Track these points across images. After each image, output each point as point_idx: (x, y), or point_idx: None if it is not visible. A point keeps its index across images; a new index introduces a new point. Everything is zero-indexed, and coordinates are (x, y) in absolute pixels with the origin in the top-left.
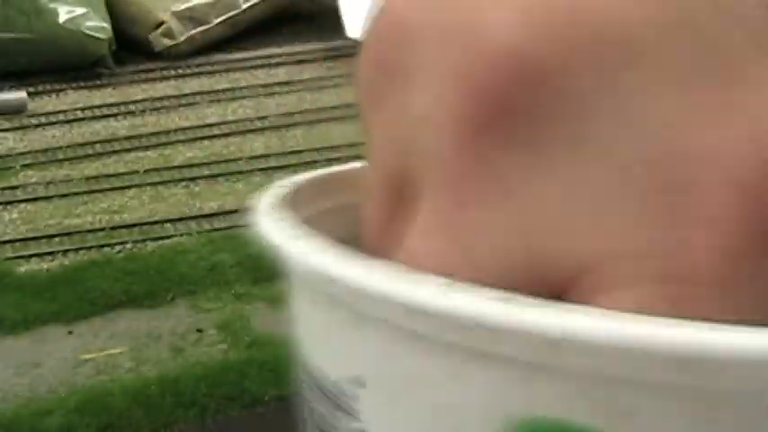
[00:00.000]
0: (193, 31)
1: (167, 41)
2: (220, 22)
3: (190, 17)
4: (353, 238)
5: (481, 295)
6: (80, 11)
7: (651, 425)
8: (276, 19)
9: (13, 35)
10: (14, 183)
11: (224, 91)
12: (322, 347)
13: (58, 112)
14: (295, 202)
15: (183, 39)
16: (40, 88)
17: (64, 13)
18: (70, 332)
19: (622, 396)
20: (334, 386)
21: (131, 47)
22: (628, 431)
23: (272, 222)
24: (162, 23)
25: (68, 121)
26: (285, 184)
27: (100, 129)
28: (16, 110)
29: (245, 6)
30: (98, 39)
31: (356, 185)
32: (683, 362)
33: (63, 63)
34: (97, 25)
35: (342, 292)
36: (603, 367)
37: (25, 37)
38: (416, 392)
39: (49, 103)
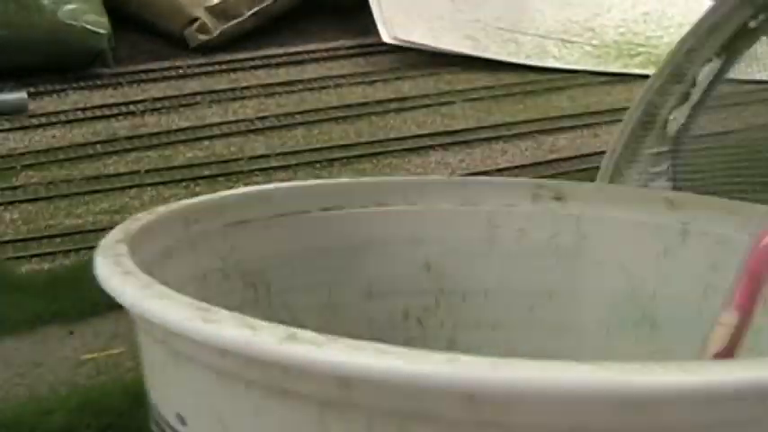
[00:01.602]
0: (226, 25)
1: (203, 37)
2: (252, 14)
3: (223, 11)
4: (217, 272)
5: (270, 331)
6: (78, 5)
7: None
8: (307, 10)
9: (10, 31)
10: (15, 183)
11: (224, 91)
12: (154, 383)
13: (59, 112)
14: (149, 235)
15: (216, 33)
16: (41, 88)
17: (63, 7)
18: (71, 332)
19: (412, 430)
20: (165, 422)
21: (167, 42)
22: None
23: (105, 258)
24: (196, 19)
25: (69, 122)
26: (141, 216)
27: (100, 129)
28: (16, 110)
29: None
30: (97, 33)
31: (226, 213)
32: (470, 396)
33: (63, 57)
34: (96, 20)
35: (159, 332)
36: (389, 403)
37: (24, 32)
38: (228, 429)
39: (49, 103)
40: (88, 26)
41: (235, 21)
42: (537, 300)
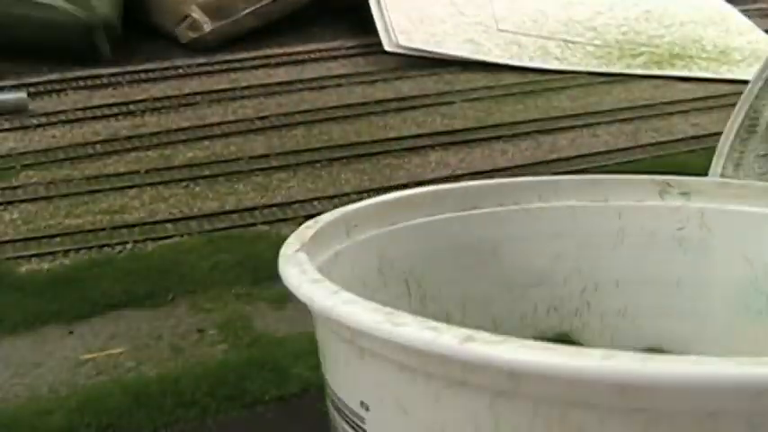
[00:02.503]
0: (220, 23)
1: (192, 34)
2: (249, 13)
3: (217, 9)
4: (375, 270)
5: (452, 333)
6: None
7: None
8: (311, 10)
9: (9, 16)
10: (15, 183)
11: (224, 91)
12: (337, 376)
13: (59, 112)
14: (318, 242)
15: (208, 30)
16: (41, 88)
17: None
18: (71, 332)
19: (573, 415)
20: (348, 409)
21: (161, 39)
22: None
23: (293, 265)
24: (187, 16)
25: (69, 121)
26: (310, 224)
27: (100, 129)
28: (16, 110)
29: None
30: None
31: (410, 206)
32: (623, 387)
33: (61, 41)
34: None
35: (346, 331)
36: (553, 392)
37: (22, 16)
38: (408, 415)
39: (49, 103)
40: (84, 10)
41: (230, 19)
42: (665, 289)
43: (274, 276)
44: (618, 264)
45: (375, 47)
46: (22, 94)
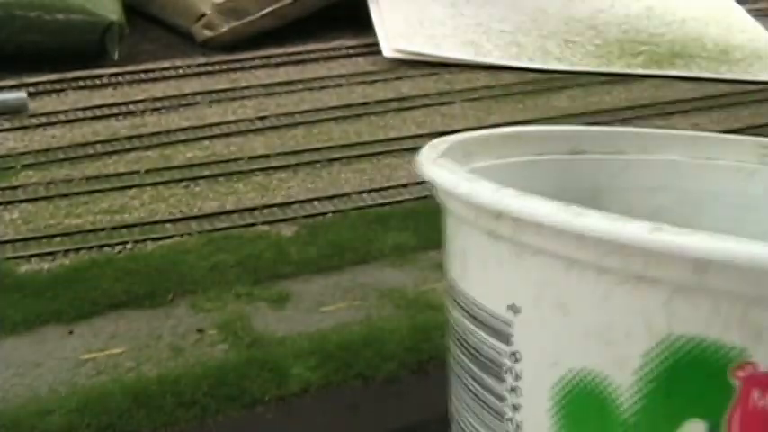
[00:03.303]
0: (236, 23)
1: (208, 33)
2: (266, 15)
3: (233, 9)
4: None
5: (632, 223)
6: None
7: None
8: (331, 11)
9: (20, 13)
10: (15, 183)
11: (224, 91)
12: (479, 281)
13: (59, 112)
14: (455, 156)
15: (224, 30)
16: (41, 88)
17: None
18: (71, 332)
19: (754, 313)
20: (491, 314)
21: (180, 38)
22: (757, 345)
23: (441, 167)
24: (203, 15)
25: (69, 121)
26: (440, 141)
27: (100, 129)
28: (16, 110)
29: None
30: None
31: (521, 143)
32: None
33: (73, 38)
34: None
35: (507, 227)
36: (738, 287)
37: (34, 14)
38: (568, 315)
39: (49, 103)
40: (91, 9)
41: (246, 19)
42: None
43: (274, 276)
44: (714, 221)
45: (375, 47)
46: (22, 94)
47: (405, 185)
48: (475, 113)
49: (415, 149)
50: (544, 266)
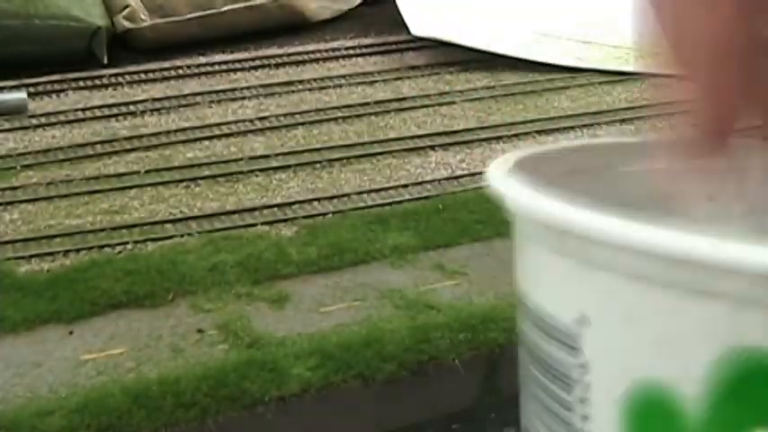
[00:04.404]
0: (159, 20)
1: (128, 24)
2: (194, 19)
3: (160, 6)
4: (584, 198)
5: (697, 236)
6: None
7: None
8: (270, 25)
9: (9, 22)
10: (15, 183)
11: (224, 91)
12: (549, 294)
13: (59, 112)
14: (524, 170)
15: (145, 25)
16: (41, 89)
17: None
18: (71, 332)
19: None
20: (560, 326)
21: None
22: None
23: (514, 183)
24: (127, 6)
25: (69, 122)
26: (510, 155)
27: (100, 129)
28: (16, 110)
29: (224, 9)
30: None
31: (593, 155)
32: None
33: (61, 45)
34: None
35: (574, 242)
36: None
37: (21, 22)
38: (636, 327)
39: (49, 103)
40: (78, 14)
41: (170, 19)
42: None
43: (274, 276)
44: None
45: (375, 47)
46: (22, 95)
47: (405, 186)
48: (475, 113)
49: (416, 150)
50: (611, 280)
